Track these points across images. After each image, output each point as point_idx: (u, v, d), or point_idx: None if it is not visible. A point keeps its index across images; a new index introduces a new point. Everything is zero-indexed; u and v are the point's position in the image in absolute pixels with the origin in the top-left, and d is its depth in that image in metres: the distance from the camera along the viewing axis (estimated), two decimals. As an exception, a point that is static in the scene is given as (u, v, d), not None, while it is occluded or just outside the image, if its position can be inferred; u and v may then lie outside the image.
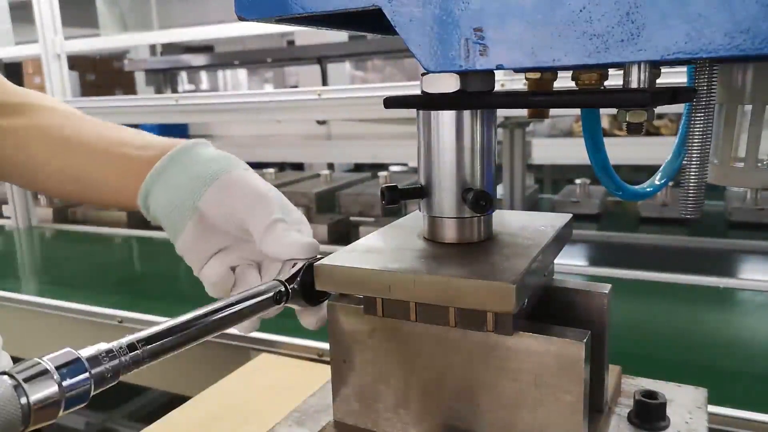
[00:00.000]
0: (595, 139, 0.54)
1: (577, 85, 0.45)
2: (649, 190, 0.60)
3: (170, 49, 6.12)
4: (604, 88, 0.45)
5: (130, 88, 5.65)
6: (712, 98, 0.42)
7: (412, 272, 0.44)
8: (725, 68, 0.53)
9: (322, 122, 4.28)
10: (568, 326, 0.44)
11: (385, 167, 3.19)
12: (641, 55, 0.36)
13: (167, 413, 0.97)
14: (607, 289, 0.52)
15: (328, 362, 0.53)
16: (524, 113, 0.53)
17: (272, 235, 0.52)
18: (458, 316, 0.45)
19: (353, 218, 2.13)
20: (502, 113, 1.67)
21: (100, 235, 2.39)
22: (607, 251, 1.83)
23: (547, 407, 0.44)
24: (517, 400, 0.45)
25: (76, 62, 5.04)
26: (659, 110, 0.77)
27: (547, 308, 0.53)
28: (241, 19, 0.47)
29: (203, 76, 8.12)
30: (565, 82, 0.48)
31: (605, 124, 3.56)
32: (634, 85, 0.38)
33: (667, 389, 0.58)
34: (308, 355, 1.17)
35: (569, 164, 3.23)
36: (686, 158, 0.43)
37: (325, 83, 4.39)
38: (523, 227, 0.53)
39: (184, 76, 6.93)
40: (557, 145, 3.53)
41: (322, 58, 4.45)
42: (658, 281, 1.47)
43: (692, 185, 0.44)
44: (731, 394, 0.94)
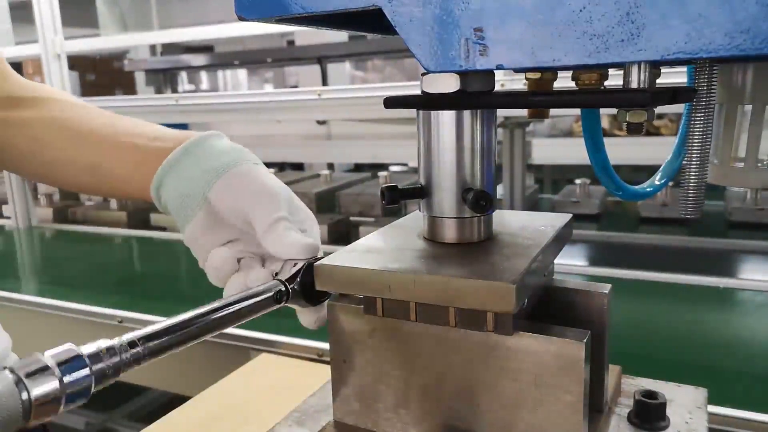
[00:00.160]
0: (595, 139, 0.54)
1: (577, 85, 0.45)
2: (649, 190, 0.60)
3: (170, 49, 6.11)
4: (604, 88, 0.45)
5: (130, 88, 5.64)
6: (712, 98, 0.42)
7: (412, 272, 0.44)
8: (725, 68, 0.53)
9: (322, 122, 4.28)
10: (568, 326, 0.44)
11: (385, 167, 3.19)
12: (641, 55, 0.36)
13: (167, 413, 0.97)
14: (607, 289, 0.52)
15: (328, 362, 0.53)
16: (524, 113, 0.53)
17: (274, 233, 0.52)
18: (458, 316, 0.45)
19: (353, 218, 2.12)
20: (502, 113, 1.67)
21: (100, 235, 2.39)
22: (607, 251, 1.83)
23: (547, 407, 0.44)
24: (517, 400, 0.45)
25: (76, 62, 5.04)
26: (659, 110, 0.77)
27: (547, 308, 0.53)
28: (241, 19, 0.47)
29: (203, 76, 8.12)
30: (565, 82, 0.48)
31: (605, 124, 3.56)
32: (634, 85, 0.38)
33: (667, 389, 0.58)
34: (308, 355, 1.17)
35: (569, 164, 3.23)
36: (686, 158, 0.43)
37: (325, 83, 4.39)
38: (523, 227, 0.53)
39: (184, 76, 6.93)
40: (557, 145, 3.53)
41: (322, 58, 4.44)
42: (658, 281, 1.47)
43: (692, 185, 0.44)
44: (731, 394, 0.94)
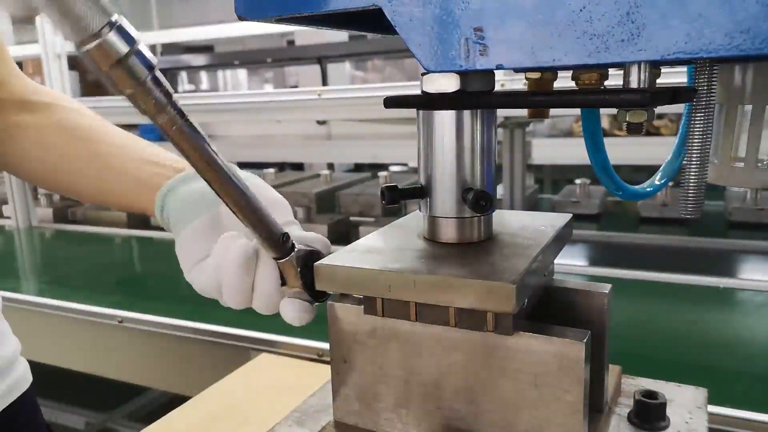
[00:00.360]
0: (595, 139, 0.53)
1: (577, 85, 0.45)
2: (649, 190, 0.60)
3: (170, 49, 6.11)
4: (604, 88, 0.45)
5: (130, 88, 5.63)
6: (712, 98, 0.42)
7: (412, 272, 0.44)
8: (725, 68, 0.53)
9: (322, 122, 4.27)
10: (568, 326, 0.44)
11: (385, 167, 3.19)
12: (641, 55, 0.36)
13: (167, 413, 0.97)
14: (607, 289, 0.52)
15: (328, 362, 0.53)
16: (524, 113, 0.53)
17: (288, 229, 0.52)
18: (458, 316, 0.45)
19: (353, 218, 2.13)
20: (502, 113, 1.67)
21: (100, 235, 2.39)
22: (607, 251, 1.83)
23: (547, 407, 0.44)
24: (517, 400, 0.45)
25: (76, 62, 5.03)
26: (659, 110, 0.77)
27: (547, 308, 0.53)
28: (241, 19, 0.47)
29: (203, 76, 8.12)
30: (565, 82, 0.48)
31: (605, 124, 3.56)
32: (634, 85, 0.38)
33: (667, 389, 0.58)
34: (308, 355, 1.17)
35: (569, 164, 3.23)
36: (686, 158, 0.43)
37: (325, 83, 4.39)
38: (523, 227, 0.53)
39: (184, 76, 6.92)
40: (557, 145, 3.53)
41: (322, 58, 4.45)
42: (658, 281, 1.47)
43: (692, 185, 0.44)
44: (731, 394, 0.94)
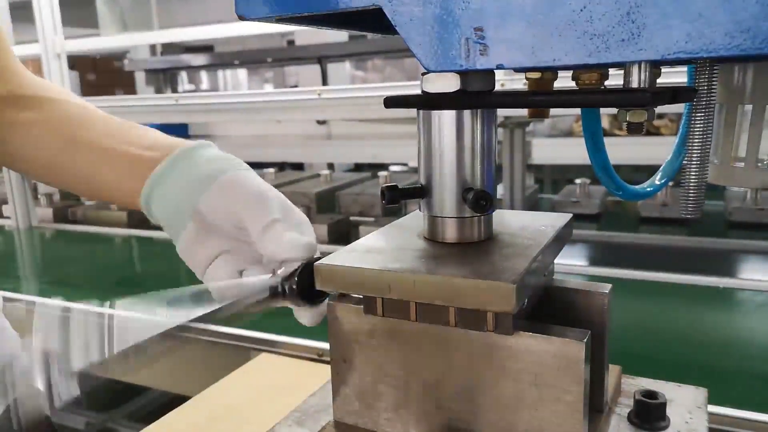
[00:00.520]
0: (595, 139, 0.53)
1: (577, 85, 0.45)
2: (649, 190, 0.60)
3: (170, 48, 6.11)
4: (604, 88, 0.45)
5: (130, 88, 5.65)
6: (712, 98, 0.42)
7: (412, 272, 0.44)
8: (725, 68, 0.53)
9: (322, 122, 4.27)
10: (568, 326, 0.44)
11: (385, 167, 3.19)
12: (642, 54, 0.36)
13: (167, 413, 0.97)
14: (607, 289, 0.52)
15: (328, 362, 0.53)
16: (524, 113, 0.53)
17: (270, 234, 0.52)
18: (458, 315, 0.45)
19: (353, 218, 2.12)
20: (502, 113, 1.67)
21: (100, 235, 2.39)
22: (607, 251, 1.83)
23: (547, 407, 0.44)
24: (517, 400, 0.45)
25: (76, 62, 5.04)
26: (659, 110, 0.76)
27: (547, 308, 0.53)
28: (241, 18, 0.47)
29: (203, 76, 8.12)
30: (565, 82, 0.48)
31: (605, 124, 3.56)
32: (634, 84, 0.38)
33: (667, 389, 0.58)
34: (308, 355, 1.17)
35: (569, 164, 3.23)
36: (686, 158, 0.43)
37: (325, 83, 4.39)
38: (523, 227, 0.53)
39: (184, 76, 6.93)
40: (557, 145, 3.52)
41: (322, 58, 4.45)
42: (658, 281, 1.47)
43: (692, 185, 0.44)
44: (731, 393, 0.94)
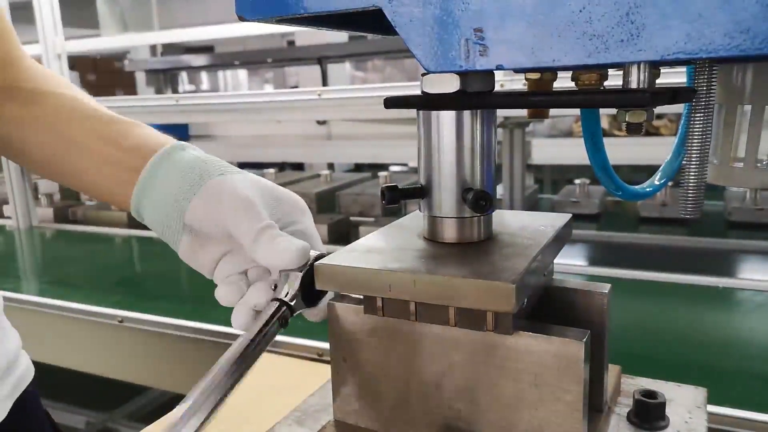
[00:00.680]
0: (594, 139, 0.54)
1: (577, 85, 0.45)
2: (648, 190, 0.60)
3: (171, 49, 6.11)
4: (603, 88, 0.45)
5: (130, 88, 5.65)
6: (711, 98, 0.42)
7: (412, 272, 0.44)
8: (725, 68, 0.53)
9: (322, 122, 4.28)
10: (567, 326, 0.44)
11: (385, 167, 3.19)
12: (641, 55, 0.36)
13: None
14: (606, 289, 0.52)
15: (328, 362, 0.53)
16: (524, 113, 0.53)
17: (261, 245, 0.50)
18: (458, 315, 0.45)
19: (353, 218, 2.12)
20: (502, 113, 1.67)
21: (100, 235, 2.39)
22: (606, 251, 1.83)
23: (546, 407, 0.44)
24: (517, 399, 0.45)
25: (76, 62, 5.04)
26: (659, 110, 0.76)
27: (547, 308, 0.53)
28: (241, 19, 0.47)
29: (203, 76, 8.12)
30: (565, 82, 0.48)
31: (605, 124, 3.56)
32: (633, 85, 0.38)
33: (666, 389, 0.58)
34: (308, 354, 1.17)
35: (569, 164, 3.23)
36: (686, 158, 0.43)
37: (325, 83, 4.39)
38: (522, 227, 0.53)
39: (184, 76, 6.93)
40: (557, 145, 3.53)
41: (322, 58, 4.45)
42: (657, 281, 1.47)
43: (692, 185, 0.44)
44: (731, 393, 0.94)
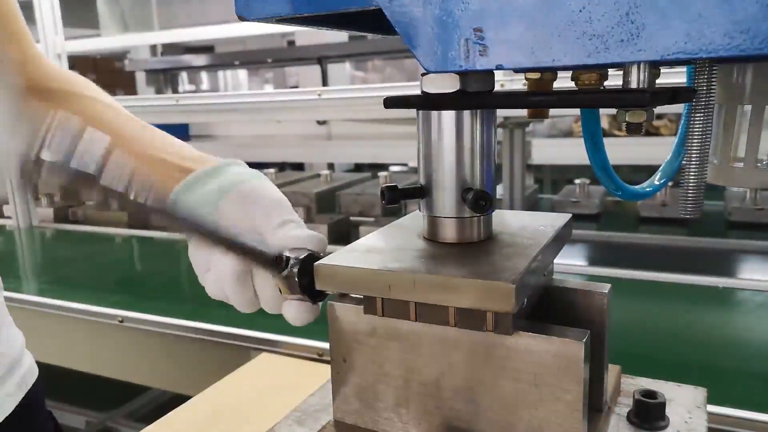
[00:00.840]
0: (594, 139, 0.54)
1: (576, 85, 0.45)
2: (648, 190, 0.60)
3: (171, 49, 6.11)
4: (603, 88, 0.45)
5: (130, 88, 5.64)
6: (711, 98, 0.42)
7: (412, 272, 0.44)
8: (725, 68, 0.53)
9: (322, 122, 4.28)
10: (567, 326, 0.44)
11: (385, 167, 3.19)
12: (641, 55, 0.36)
13: (167, 413, 0.97)
14: (606, 288, 0.52)
15: (328, 362, 0.53)
16: (524, 113, 0.53)
17: (282, 231, 0.53)
18: (458, 315, 0.45)
19: (353, 218, 2.12)
20: (502, 113, 1.67)
21: (100, 234, 2.39)
22: (606, 251, 1.83)
23: (546, 407, 0.44)
24: (516, 399, 0.45)
25: (76, 62, 5.04)
26: (659, 110, 0.76)
27: (547, 308, 0.53)
28: (241, 19, 0.47)
29: (204, 76, 8.12)
30: (565, 82, 0.48)
31: (605, 124, 3.56)
32: (633, 85, 0.38)
33: (666, 389, 0.58)
34: (308, 354, 1.17)
35: (569, 164, 3.23)
36: (686, 158, 0.43)
37: (325, 83, 4.39)
38: (522, 227, 0.53)
39: (184, 76, 6.93)
40: (557, 145, 3.53)
41: (322, 58, 4.44)
42: (657, 281, 1.47)
43: (692, 185, 0.44)
44: (731, 393, 0.94)
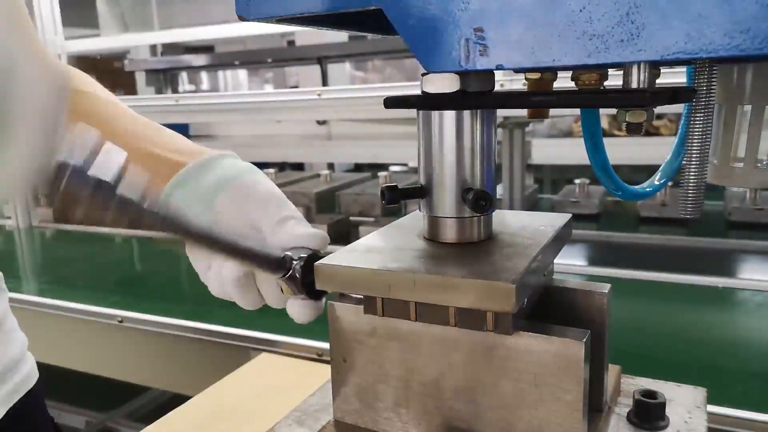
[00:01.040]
0: (594, 139, 0.54)
1: (577, 85, 0.45)
2: (648, 190, 0.60)
3: (171, 49, 6.11)
4: (603, 88, 0.45)
5: (130, 88, 5.64)
6: (711, 98, 0.42)
7: (412, 272, 0.44)
8: (725, 68, 0.53)
9: (322, 122, 4.27)
10: (568, 326, 0.44)
11: (385, 167, 3.18)
12: (641, 55, 0.36)
13: (167, 413, 0.97)
14: (606, 288, 0.52)
15: (328, 362, 0.53)
16: (524, 113, 0.53)
17: (283, 228, 0.52)
18: (458, 315, 0.45)
19: (353, 218, 2.12)
20: (502, 113, 1.67)
21: (100, 235, 2.39)
22: (606, 251, 1.83)
23: (546, 407, 0.44)
24: (516, 399, 0.45)
25: (76, 62, 5.04)
26: (659, 110, 0.76)
27: (547, 308, 0.53)
28: (241, 19, 0.47)
29: (204, 76, 8.12)
30: (565, 82, 0.48)
31: (605, 124, 3.56)
32: (633, 85, 0.38)
33: (666, 389, 0.58)
34: (308, 354, 1.17)
35: (569, 164, 3.23)
36: (686, 158, 0.43)
37: (325, 83, 4.39)
38: (522, 227, 0.53)
39: (184, 76, 6.92)
40: (557, 145, 3.53)
41: (322, 58, 4.44)
42: (657, 281, 1.47)
43: (692, 185, 0.44)
44: (731, 393, 0.94)
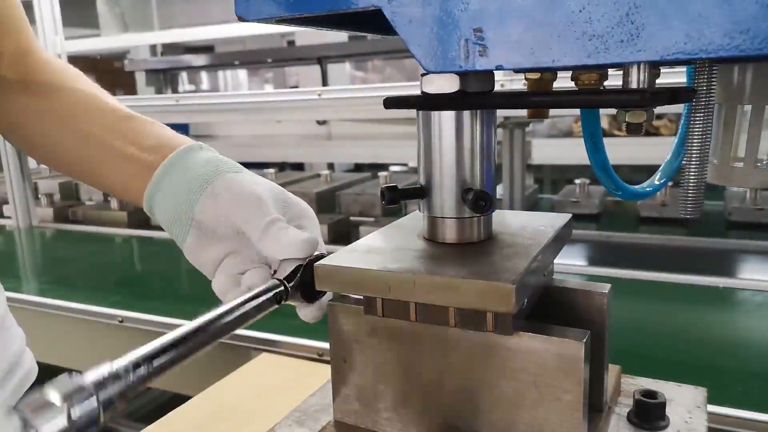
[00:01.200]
0: (594, 139, 0.54)
1: (576, 85, 0.45)
2: (648, 190, 0.60)
3: (171, 49, 6.11)
4: (603, 88, 0.45)
5: (130, 88, 5.64)
6: (711, 98, 0.42)
7: (412, 272, 0.44)
8: (725, 68, 0.53)
9: (322, 122, 4.28)
10: (567, 326, 0.44)
11: (385, 167, 3.19)
12: (641, 55, 0.36)
13: (167, 413, 0.97)
14: (606, 288, 0.52)
15: (328, 362, 0.53)
16: (524, 113, 0.53)
17: (269, 235, 0.52)
18: (458, 316, 0.45)
19: (353, 218, 2.12)
20: (502, 113, 1.67)
21: (100, 234, 2.39)
22: (606, 251, 1.83)
23: (546, 407, 0.44)
24: (516, 399, 0.45)
25: (76, 62, 5.03)
26: (659, 110, 0.76)
27: (547, 308, 0.53)
28: (241, 19, 0.47)
29: (204, 76, 8.12)
30: (564, 82, 0.48)
31: (605, 124, 3.56)
32: (633, 85, 0.38)
33: (666, 389, 0.58)
34: (308, 354, 1.17)
35: (569, 164, 3.23)
36: (686, 158, 0.43)
37: (325, 83, 4.39)
38: (522, 227, 0.53)
39: (184, 76, 6.92)
40: (557, 145, 3.53)
41: (322, 58, 4.44)
42: (657, 281, 1.47)
43: (692, 185, 0.44)
44: (731, 393, 0.94)
